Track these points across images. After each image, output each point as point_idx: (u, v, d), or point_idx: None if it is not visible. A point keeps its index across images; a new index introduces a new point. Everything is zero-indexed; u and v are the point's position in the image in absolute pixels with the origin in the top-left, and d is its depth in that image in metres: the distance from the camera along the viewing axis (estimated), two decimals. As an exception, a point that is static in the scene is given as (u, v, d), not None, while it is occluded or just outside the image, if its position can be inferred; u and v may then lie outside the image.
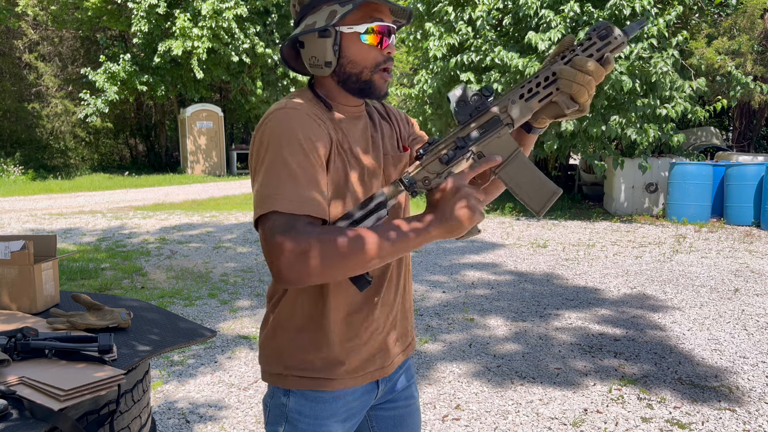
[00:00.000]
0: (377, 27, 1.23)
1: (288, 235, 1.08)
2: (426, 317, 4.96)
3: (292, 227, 1.09)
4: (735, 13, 11.16)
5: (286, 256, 1.08)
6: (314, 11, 1.24)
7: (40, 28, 20.53)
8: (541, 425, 3.12)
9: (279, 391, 1.31)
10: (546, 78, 1.17)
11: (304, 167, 1.14)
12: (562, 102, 1.17)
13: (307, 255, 1.08)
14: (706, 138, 14.35)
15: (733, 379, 3.68)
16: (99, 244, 8.00)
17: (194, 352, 4.18)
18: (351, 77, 1.26)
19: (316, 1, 1.24)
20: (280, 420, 1.31)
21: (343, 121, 1.29)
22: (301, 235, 1.09)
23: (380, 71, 1.26)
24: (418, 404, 1.51)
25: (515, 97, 1.18)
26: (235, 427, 3.11)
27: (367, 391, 1.36)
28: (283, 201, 1.10)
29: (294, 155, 1.14)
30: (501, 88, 9.80)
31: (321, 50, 1.23)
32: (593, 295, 5.62)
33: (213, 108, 19.58)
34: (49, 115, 20.44)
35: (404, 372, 1.47)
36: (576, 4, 9.15)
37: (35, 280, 2.01)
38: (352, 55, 1.24)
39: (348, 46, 1.24)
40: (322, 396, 1.29)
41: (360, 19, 1.23)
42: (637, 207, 10.57)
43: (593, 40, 1.16)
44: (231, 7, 17.36)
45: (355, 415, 1.35)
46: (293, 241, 1.08)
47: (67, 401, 1.34)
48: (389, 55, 1.27)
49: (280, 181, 1.12)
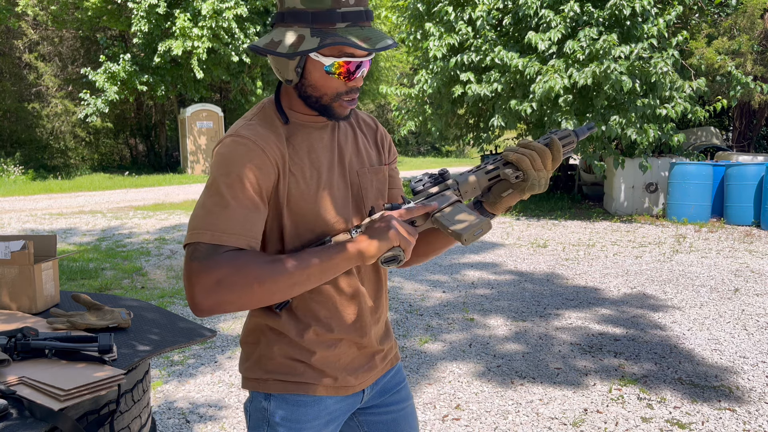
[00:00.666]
0: (343, 62, 1.17)
1: (204, 263, 1.10)
2: (426, 317, 4.96)
3: (210, 257, 1.11)
4: (735, 13, 11.15)
5: (201, 285, 1.09)
6: (285, 26, 1.18)
7: (40, 28, 20.52)
8: (541, 425, 3.12)
9: (259, 396, 1.31)
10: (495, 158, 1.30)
11: (238, 199, 1.15)
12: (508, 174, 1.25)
13: (221, 283, 1.09)
14: (706, 138, 14.35)
15: (733, 379, 3.68)
16: (99, 244, 8.00)
17: (194, 352, 4.18)
18: (311, 98, 1.23)
19: (290, 18, 1.17)
20: (262, 424, 1.30)
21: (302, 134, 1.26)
22: (217, 264, 1.10)
23: (340, 100, 1.23)
24: (413, 407, 1.50)
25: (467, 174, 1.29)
26: (235, 427, 3.11)
27: (351, 395, 1.36)
28: (206, 233, 1.12)
29: (230, 187, 1.15)
30: (501, 88, 9.80)
31: (283, 69, 1.20)
32: (593, 294, 5.62)
33: (213, 108, 19.58)
34: (49, 115, 20.44)
35: (393, 375, 1.46)
36: (576, 4, 9.15)
37: (35, 280, 2.01)
38: (314, 80, 1.20)
39: (311, 71, 1.19)
40: (303, 400, 1.29)
41: (329, 51, 1.16)
42: (637, 207, 10.57)
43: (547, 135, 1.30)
44: (231, 7, 17.35)
45: (336, 419, 1.34)
46: (208, 270, 1.09)
47: (67, 401, 1.35)
48: (354, 87, 1.22)
49: (210, 212, 1.14)
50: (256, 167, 1.16)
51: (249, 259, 1.12)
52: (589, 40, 9.02)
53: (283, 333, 1.28)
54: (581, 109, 9.69)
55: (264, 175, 1.18)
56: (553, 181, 13.86)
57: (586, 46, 9.02)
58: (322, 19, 1.14)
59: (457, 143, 13.68)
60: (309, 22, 1.15)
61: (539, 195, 12.81)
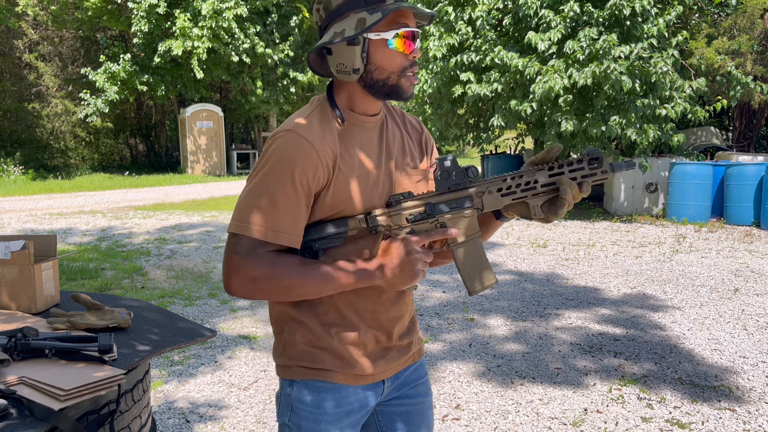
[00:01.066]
0: (404, 33, 1.26)
1: (246, 259, 1.21)
2: (426, 317, 4.96)
3: (252, 252, 1.21)
4: (735, 13, 11.16)
5: (239, 278, 1.22)
6: (341, 18, 1.25)
7: (40, 28, 20.52)
8: (541, 425, 3.12)
9: (285, 383, 1.36)
10: (527, 183, 1.26)
11: (287, 198, 1.22)
12: (532, 207, 1.27)
13: (256, 282, 1.22)
14: (706, 138, 14.36)
15: (733, 379, 3.68)
16: (99, 244, 8.00)
17: (194, 352, 4.18)
18: (378, 82, 1.28)
19: (343, 8, 1.25)
20: (286, 410, 1.35)
21: (355, 134, 1.31)
22: (257, 263, 1.21)
23: (406, 75, 1.29)
24: (430, 404, 1.52)
25: (494, 188, 1.27)
26: (235, 427, 3.11)
27: (372, 386, 1.38)
28: (253, 228, 1.21)
29: (282, 185, 1.21)
30: (501, 88, 9.80)
31: (349, 58, 1.25)
32: (593, 294, 5.62)
33: (213, 108, 19.57)
34: (49, 115, 20.44)
35: (414, 370, 1.48)
36: (576, 4, 9.15)
37: (35, 280, 2.01)
38: (379, 61, 1.26)
39: (375, 53, 1.26)
40: (324, 386, 1.33)
41: (386, 25, 1.25)
42: (637, 207, 10.57)
43: (583, 164, 1.24)
44: (231, 7, 17.35)
45: (356, 411, 1.36)
46: (248, 267, 1.21)
47: (67, 401, 1.35)
48: (414, 59, 1.30)
49: (259, 207, 1.21)
50: (310, 168, 1.22)
51: (285, 267, 1.22)
52: (589, 40, 9.02)
53: (303, 322, 1.32)
54: (581, 109, 9.69)
55: (315, 177, 1.24)
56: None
57: (586, 46, 9.01)
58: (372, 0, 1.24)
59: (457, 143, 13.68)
60: (363, 6, 1.24)
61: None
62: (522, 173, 1.26)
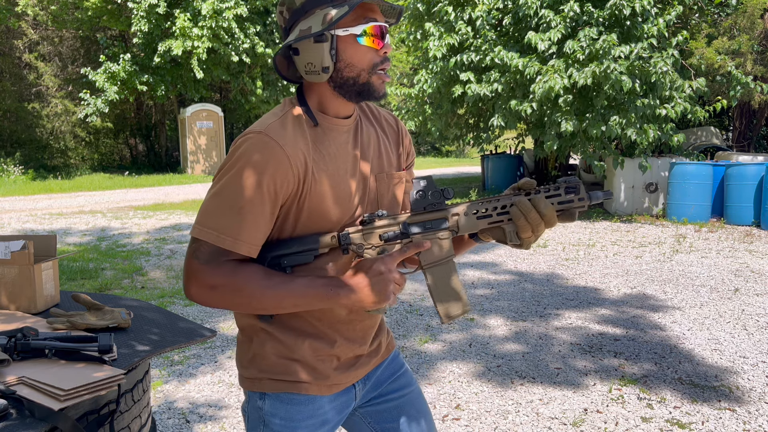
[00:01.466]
0: (372, 28, 1.21)
1: (206, 266, 1.17)
2: (426, 317, 4.96)
3: (213, 259, 1.17)
4: (735, 13, 11.16)
5: (198, 285, 1.18)
6: (307, 16, 1.21)
7: (40, 28, 20.52)
8: (541, 425, 3.12)
9: (255, 396, 1.32)
10: (503, 206, 1.24)
11: (252, 205, 1.16)
12: (508, 232, 1.24)
13: (215, 290, 1.17)
14: (706, 138, 14.35)
15: (733, 379, 3.68)
16: (99, 244, 8.00)
17: (194, 352, 4.18)
18: (348, 81, 1.23)
19: (308, 5, 1.20)
20: (258, 424, 1.32)
21: (328, 138, 1.26)
22: (217, 271, 1.16)
23: (377, 72, 1.24)
24: (418, 391, 1.49)
25: (470, 211, 1.24)
26: (235, 427, 3.11)
27: (343, 393, 1.36)
28: (212, 233, 1.16)
29: (248, 191, 1.16)
30: (501, 88, 9.80)
31: (317, 56, 1.20)
32: (593, 294, 5.62)
33: (213, 108, 19.58)
34: (49, 115, 20.44)
35: (386, 366, 1.46)
36: (576, 4, 9.15)
37: (35, 280, 2.01)
38: (349, 58, 1.22)
39: (344, 49, 1.21)
40: (297, 398, 1.30)
41: (354, 20, 1.21)
42: (637, 207, 10.57)
43: (560, 191, 1.23)
44: (231, 7, 17.35)
45: (330, 420, 1.35)
46: (207, 274, 1.17)
47: (67, 401, 1.34)
48: (386, 55, 1.25)
49: (222, 212, 1.16)
50: (279, 175, 1.17)
51: (247, 278, 1.17)
52: (589, 40, 9.02)
53: (274, 333, 1.29)
54: (581, 109, 9.69)
55: (284, 185, 1.18)
56: (553, 181, 13.86)
57: (586, 46, 9.01)
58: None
59: (457, 143, 13.69)
60: (328, 1, 1.20)
61: (539, 195, 12.79)
62: (499, 197, 1.24)
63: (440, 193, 1.24)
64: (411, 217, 1.24)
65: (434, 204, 1.24)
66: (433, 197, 1.24)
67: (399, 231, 1.24)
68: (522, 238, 1.23)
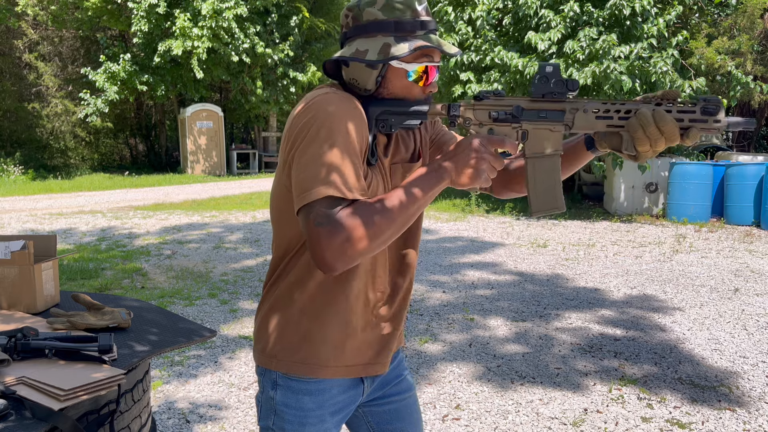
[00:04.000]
0: (425, 68, 1.23)
1: (328, 228, 1.10)
2: (426, 317, 4.96)
3: (331, 219, 1.11)
4: (735, 13, 11.16)
5: (331, 249, 1.10)
6: (368, 36, 1.22)
7: (40, 28, 20.52)
8: (541, 425, 3.12)
9: (267, 385, 1.34)
10: (627, 111, 1.15)
11: (351, 152, 1.15)
12: (624, 140, 1.16)
13: (349, 242, 1.11)
14: (706, 138, 14.35)
15: (733, 379, 3.68)
16: (99, 244, 8.00)
17: (194, 352, 4.18)
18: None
19: (372, 28, 1.22)
20: (270, 414, 1.34)
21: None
22: (340, 225, 1.11)
23: None
24: (415, 398, 1.52)
25: (591, 108, 1.16)
26: (235, 427, 3.11)
27: (353, 385, 1.37)
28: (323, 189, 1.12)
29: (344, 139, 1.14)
30: (501, 88, 9.80)
31: (364, 78, 1.24)
32: (593, 295, 5.62)
33: (213, 108, 19.57)
34: (49, 115, 20.44)
35: (393, 368, 1.48)
36: (576, 4, 9.15)
37: (35, 280, 2.01)
38: (393, 88, 1.25)
39: (392, 79, 1.24)
40: (307, 387, 1.31)
41: (412, 58, 1.22)
42: (637, 207, 10.57)
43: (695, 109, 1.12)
44: (231, 7, 17.35)
45: (340, 411, 1.36)
46: (333, 233, 1.10)
47: (67, 401, 1.34)
48: (429, 93, 1.27)
49: (321, 170, 1.13)
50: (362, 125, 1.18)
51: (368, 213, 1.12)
52: (588, 40, 9.02)
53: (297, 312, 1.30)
54: (581, 109, 9.68)
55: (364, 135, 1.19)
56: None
57: (585, 46, 9.02)
58: (404, 28, 1.21)
59: (457, 143, 13.67)
60: (392, 31, 1.20)
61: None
62: (624, 102, 1.14)
63: (563, 83, 1.17)
64: (527, 101, 1.20)
65: (554, 93, 1.17)
66: (555, 86, 1.17)
67: (512, 113, 1.19)
68: (638, 151, 1.15)
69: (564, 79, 1.16)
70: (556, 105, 1.18)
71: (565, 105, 1.17)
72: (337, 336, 1.31)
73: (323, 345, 1.30)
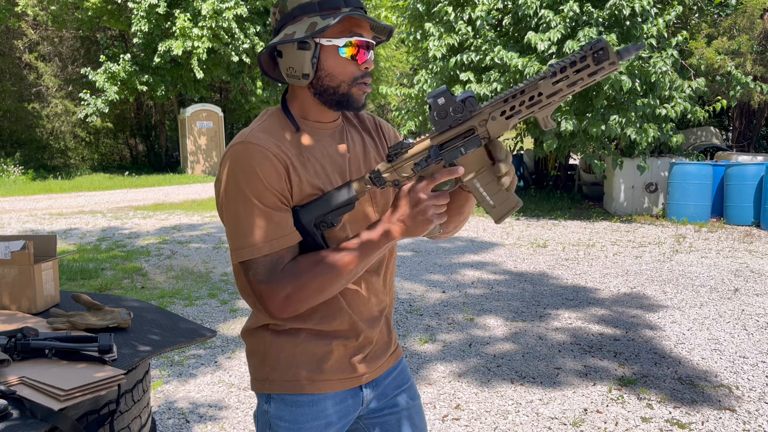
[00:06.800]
0: (356, 41, 1.24)
1: (270, 285, 1.20)
2: (425, 317, 4.96)
3: (273, 272, 1.19)
4: (735, 13, 11.16)
5: (274, 303, 1.20)
6: (294, 21, 1.24)
7: (40, 28, 20.51)
8: (541, 425, 3.12)
9: (262, 399, 1.34)
10: (531, 98, 1.15)
11: (271, 203, 1.20)
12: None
13: (291, 298, 1.20)
14: (706, 138, 14.36)
15: (733, 379, 3.68)
16: (99, 244, 8.00)
17: (194, 353, 4.18)
18: (328, 90, 1.27)
19: (297, 12, 1.24)
20: (265, 428, 1.34)
21: (311, 140, 1.29)
22: (281, 282, 1.19)
23: (358, 84, 1.27)
24: (419, 407, 1.51)
25: (497, 112, 1.16)
26: (235, 427, 3.11)
27: (350, 395, 1.36)
28: (258, 246, 1.19)
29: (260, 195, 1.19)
30: (501, 88, 9.80)
31: (299, 62, 1.24)
32: (593, 295, 5.62)
33: (213, 108, 19.57)
34: (49, 115, 20.43)
35: (395, 377, 1.47)
36: (576, 4, 9.15)
37: (35, 280, 2.01)
38: (329, 68, 1.25)
39: (326, 59, 1.25)
40: (301, 400, 1.31)
41: (339, 33, 1.24)
42: (636, 207, 10.57)
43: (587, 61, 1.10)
44: (231, 7, 17.35)
45: (335, 423, 1.35)
46: (275, 289, 1.19)
47: (67, 401, 1.35)
48: (367, 69, 1.28)
49: (252, 224, 1.19)
50: (273, 171, 1.21)
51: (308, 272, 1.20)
52: (588, 40, 9.02)
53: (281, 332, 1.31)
54: (581, 108, 9.69)
55: (279, 179, 1.22)
56: (553, 181, 13.87)
57: (585, 46, 9.01)
58: (328, 5, 1.23)
59: (457, 143, 13.66)
60: (317, 11, 1.22)
61: (539, 195, 12.81)
62: (523, 88, 1.14)
63: (461, 105, 1.16)
64: (437, 137, 1.20)
65: (458, 118, 1.17)
66: (455, 112, 1.17)
67: (428, 156, 1.20)
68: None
69: (461, 101, 1.17)
70: (464, 127, 1.18)
71: (473, 122, 1.18)
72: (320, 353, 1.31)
73: (310, 363, 1.31)
